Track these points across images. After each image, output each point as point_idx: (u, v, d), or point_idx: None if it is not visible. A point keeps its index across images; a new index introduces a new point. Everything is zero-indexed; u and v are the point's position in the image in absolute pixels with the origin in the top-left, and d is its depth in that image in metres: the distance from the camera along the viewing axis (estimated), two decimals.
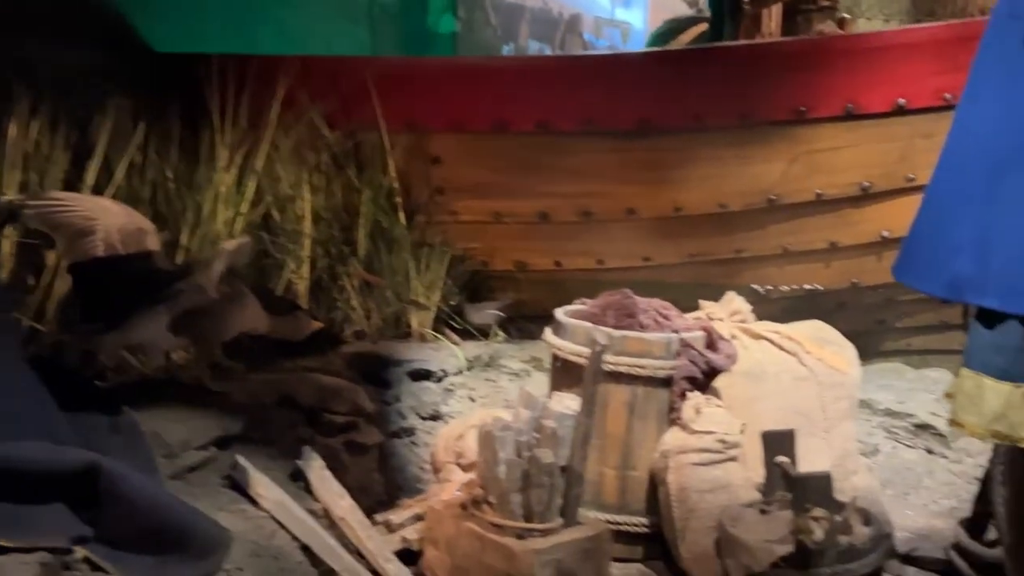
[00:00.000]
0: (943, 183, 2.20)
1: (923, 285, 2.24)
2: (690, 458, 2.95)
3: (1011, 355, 2.03)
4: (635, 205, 4.02)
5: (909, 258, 2.25)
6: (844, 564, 2.25)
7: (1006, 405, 2.04)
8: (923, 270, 2.21)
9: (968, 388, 2.11)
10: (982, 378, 2.08)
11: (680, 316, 3.30)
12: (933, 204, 2.22)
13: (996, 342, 2.05)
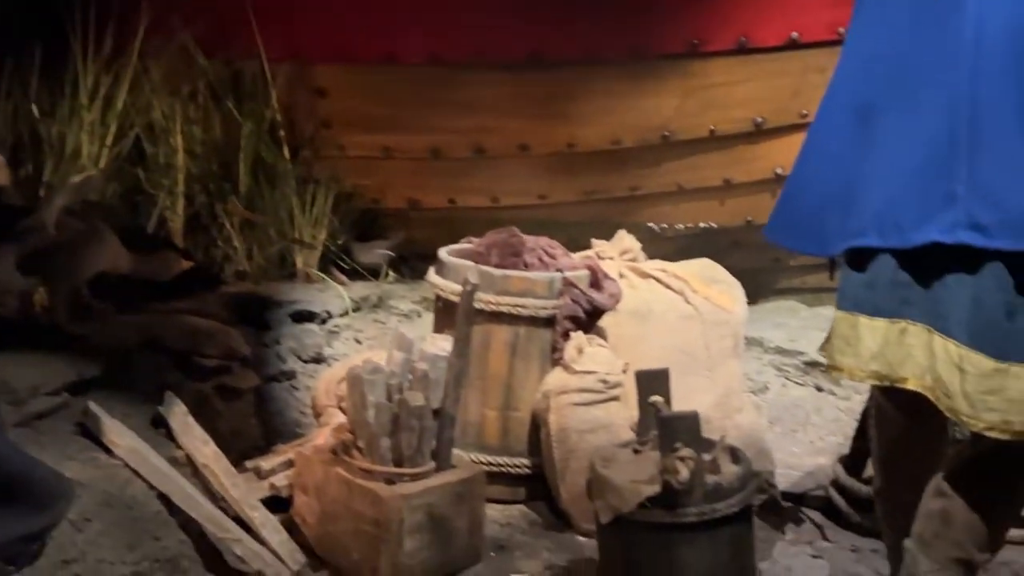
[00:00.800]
0: (818, 132, 2.14)
1: (797, 244, 2.19)
2: (571, 398, 2.90)
3: (884, 291, 1.98)
4: (528, 141, 3.92)
5: (781, 216, 2.19)
6: (711, 503, 2.22)
7: (883, 343, 1.99)
8: (796, 228, 2.16)
9: (843, 330, 2.06)
10: (857, 317, 2.03)
11: (566, 255, 3.22)
12: (808, 157, 2.16)
13: (869, 279, 2.01)
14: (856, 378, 2.04)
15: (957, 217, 1.86)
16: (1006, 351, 1.85)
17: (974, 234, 1.85)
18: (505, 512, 2.97)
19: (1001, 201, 1.83)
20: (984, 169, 1.84)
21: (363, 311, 3.70)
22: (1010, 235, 1.82)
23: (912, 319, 1.96)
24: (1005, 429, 1.86)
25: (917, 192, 1.91)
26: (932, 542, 1.99)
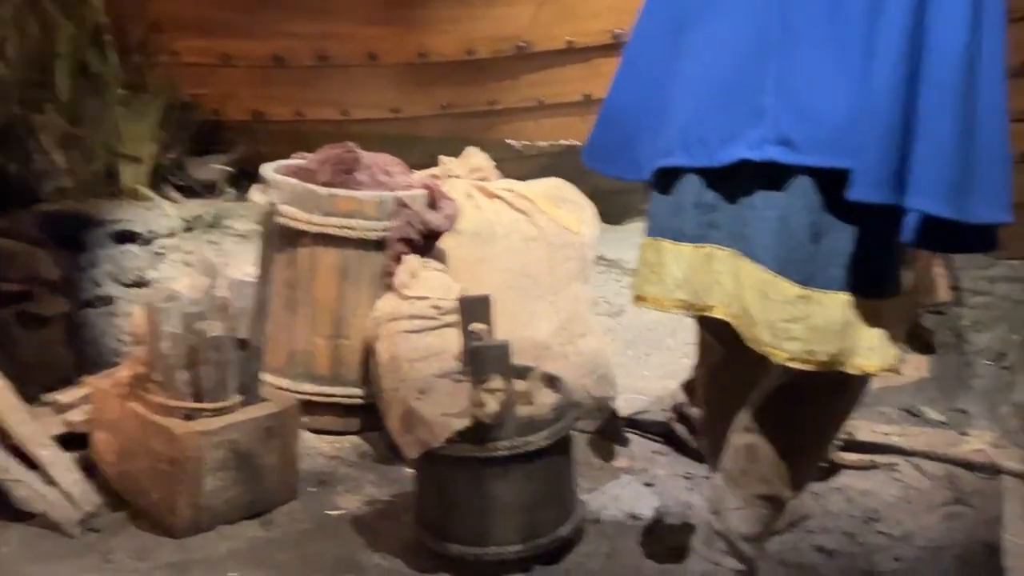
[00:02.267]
0: (632, 48, 1.99)
1: (614, 169, 2.04)
2: (402, 325, 2.74)
3: (690, 214, 1.86)
4: (377, 49, 3.68)
5: (598, 140, 2.04)
6: (523, 436, 2.10)
7: (689, 269, 1.87)
8: (612, 152, 2.01)
9: (648, 257, 1.94)
10: (662, 243, 1.91)
11: (405, 173, 3.04)
12: (622, 76, 2.00)
13: (675, 202, 1.88)
14: (662, 308, 1.93)
15: (765, 132, 1.74)
16: (811, 276, 1.75)
17: (783, 150, 1.73)
18: (336, 444, 2.83)
19: (810, 114, 1.71)
20: (793, 79, 1.72)
21: (196, 231, 3.47)
22: (820, 150, 1.71)
23: (719, 243, 1.84)
24: (807, 359, 1.76)
25: (724, 106, 1.78)
26: (739, 478, 1.91)
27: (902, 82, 1.65)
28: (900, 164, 1.67)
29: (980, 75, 1.65)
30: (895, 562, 2.36)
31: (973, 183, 1.65)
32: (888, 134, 1.66)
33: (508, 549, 2.16)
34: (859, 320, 1.76)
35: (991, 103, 1.67)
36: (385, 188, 2.89)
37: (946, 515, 2.59)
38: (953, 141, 1.64)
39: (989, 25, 1.65)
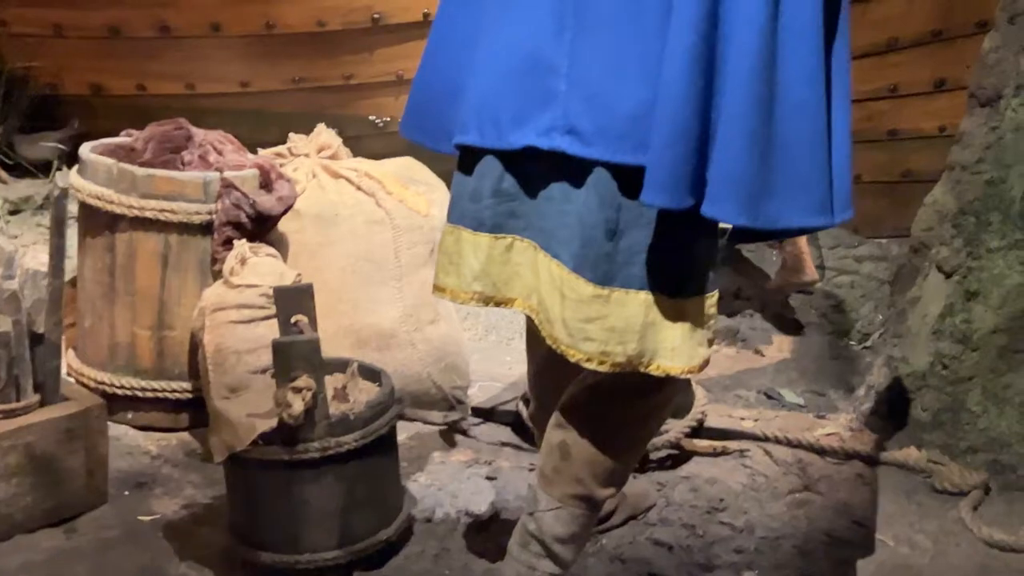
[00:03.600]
0: (441, 13, 1.85)
1: (431, 140, 1.89)
2: (228, 315, 2.57)
3: (489, 201, 1.74)
4: (220, 19, 3.48)
5: (412, 109, 1.90)
6: (336, 437, 1.97)
7: (487, 260, 1.76)
8: (426, 122, 1.87)
9: (448, 245, 1.82)
10: (460, 231, 1.79)
11: (240, 151, 2.85)
12: (432, 41, 1.87)
13: (475, 187, 1.76)
14: (459, 300, 1.82)
15: (555, 118, 1.62)
16: (608, 275, 1.64)
17: (571, 140, 1.61)
18: (162, 442, 2.66)
19: (602, 102, 1.58)
20: (586, 64, 1.59)
21: (25, 213, 3.23)
22: (610, 143, 1.58)
23: (519, 234, 1.73)
24: (604, 361, 1.66)
25: (518, 85, 1.65)
26: (552, 478, 1.81)
27: (693, 75, 1.51)
28: (695, 166, 1.54)
29: (787, 67, 1.52)
30: (735, 554, 2.30)
31: (776, 185, 1.53)
32: (679, 133, 1.52)
33: (323, 556, 2.03)
34: (662, 321, 1.66)
35: (801, 98, 1.54)
36: (214, 168, 2.71)
37: (792, 503, 2.54)
38: (750, 141, 1.51)
39: (796, 14, 1.53)
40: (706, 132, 1.54)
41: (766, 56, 1.51)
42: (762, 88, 1.51)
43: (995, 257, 2.79)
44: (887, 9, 3.82)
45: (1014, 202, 2.77)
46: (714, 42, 1.53)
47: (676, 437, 2.69)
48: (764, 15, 1.50)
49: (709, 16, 1.51)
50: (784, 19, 1.52)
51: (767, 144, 1.52)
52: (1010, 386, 2.77)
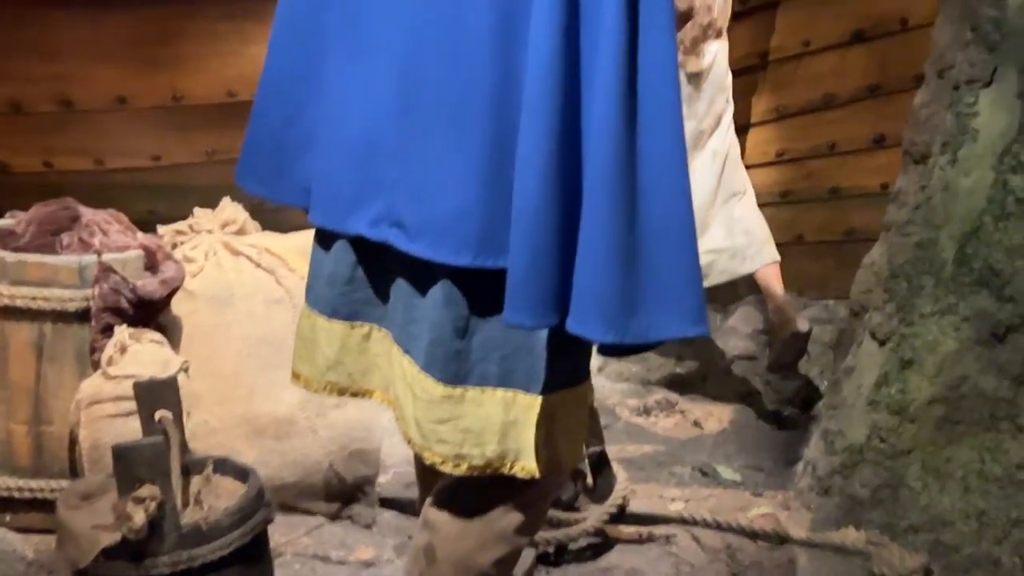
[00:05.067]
0: (274, 42, 1.70)
1: (269, 191, 1.71)
2: (105, 408, 2.40)
3: (344, 285, 1.58)
4: (125, 92, 3.35)
5: (252, 154, 1.73)
6: (189, 550, 1.79)
7: (342, 350, 1.61)
8: (268, 170, 1.69)
9: (303, 330, 1.67)
10: (316, 317, 1.63)
11: (127, 231, 2.70)
12: (265, 78, 1.70)
13: (332, 269, 1.60)
14: (313, 389, 1.66)
15: (384, 208, 1.47)
16: (459, 374, 1.47)
17: (398, 233, 1.46)
18: (40, 545, 2.47)
19: (426, 196, 1.43)
20: (417, 151, 1.44)
21: None
22: (432, 240, 1.42)
23: (377, 323, 1.58)
24: (459, 464, 1.50)
25: (355, 164, 1.51)
26: None
27: (551, 186, 1.36)
28: (558, 281, 1.38)
29: (651, 170, 1.36)
30: None
31: (645, 296, 1.37)
32: (538, 249, 1.37)
33: None
34: (525, 419, 1.49)
35: (669, 201, 1.38)
36: (95, 250, 2.55)
37: None
38: (615, 252, 1.35)
39: (655, 113, 1.38)
40: (568, 244, 1.38)
41: (627, 162, 1.35)
42: (626, 194, 1.35)
43: (928, 323, 2.64)
44: (820, 65, 3.74)
45: (946, 265, 2.63)
46: (573, 147, 1.37)
47: (596, 524, 2.51)
48: (621, 121, 1.34)
49: (567, 119, 1.36)
50: (643, 118, 1.36)
51: (633, 253, 1.36)
52: (951, 460, 2.60)
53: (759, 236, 3.41)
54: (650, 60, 1.36)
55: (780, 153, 3.88)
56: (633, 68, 1.36)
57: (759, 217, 3.44)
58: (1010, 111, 2.58)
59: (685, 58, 3.15)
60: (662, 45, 1.36)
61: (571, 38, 1.36)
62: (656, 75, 1.37)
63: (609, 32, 1.34)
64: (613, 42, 1.34)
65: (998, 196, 2.58)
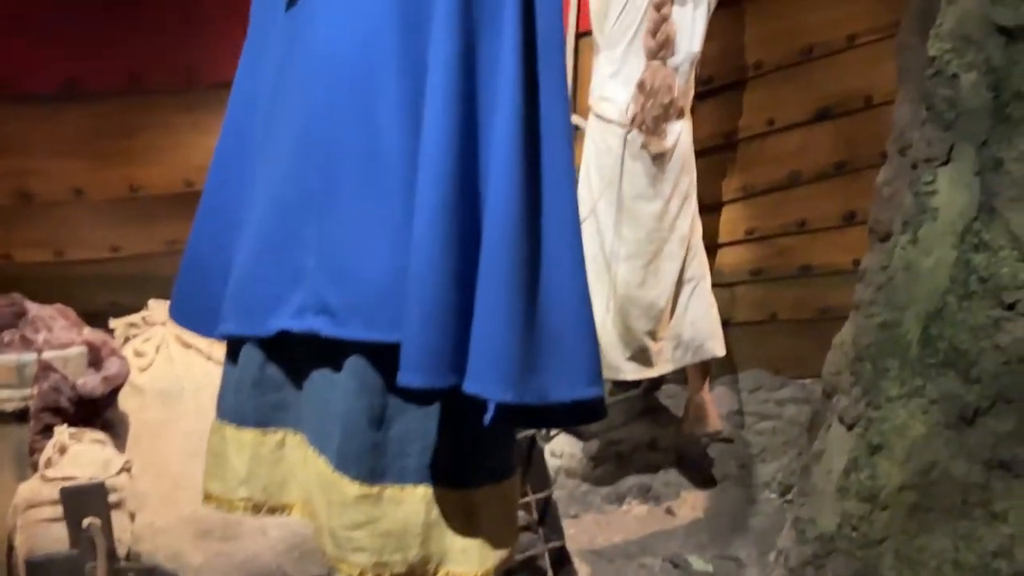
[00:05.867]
0: (209, 183, 1.68)
1: (200, 326, 1.69)
2: (42, 512, 2.33)
3: (252, 392, 1.53)
4: (82, 184, 3.33)
5: (183, 292, 1.71)
6: None
7: (252, 460, 1.54)
8: (198, 306, 1.67)
9: (213, 445, 1.60)
10: (224, 428, 1.57)
11: (72, 327, 2.66)
12: (200, 213, 1.69)
13: (239, 377, 1.55)
14: (226, 508, 1.58)
15: (306, 297, 1.44)
16: (376, 470, 1.42)
17: (324, 320, 1.42)
18: None
19: (351, 276, 1.40)
20: (334, 237, 1.42)
21: None
22: (362, 320, 1.39)
23: (291, 427, 1.52)
24: (380, 573, 1.42)
25: (271, 263, 1.48)
26: None
27: (447, 244, 1.35)
28: (455, 340, 1.35)
29: (548, 228, 1.35)
30: None
31: (543, 357, 1.34)
32: (433, 308, 1.35)
33: None
34: (448, 518, 1.43)
35: (563, 258, 1.36)
36: (37, 347, 2.50)
37: None
38: (512, 310, 1.33)
39: (554, 171, 1.36)
40: (465, 303, 1.34)
41: (527, 218, 1.33)
42: (523, 258, 1.33)
43: (896, 407, 2.56)
44: (786, 143, 3.72)
45: (911, 346, 2.56)
46: (469, 205, 1.34)
47: None
48: (519, 187, 1.32)
49: (461, 179, 1.33)
50: (545, 182, 1.34)
51: (531, 316, 1.33)
52: (924, 549, 2.51)
53: (707, 330, 3.37)
54: (548, 129, 1.36)
55: (750, 231, 3.84)
56: (531, 135, 1.35)
57: (711, 308, 3.41)
58: (969, 189, 2.55)
59: (648, 138, 3.14)
60: (558, 117, 1.36)
61: (469, 106, 1.34)
62: (552, 142, 1.37)
63: (506, 101, 1.33)
64: (511, 110, 1.33)
65: (960, 275, 2.54)
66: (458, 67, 1.33)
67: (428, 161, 1.33)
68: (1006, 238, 2.48)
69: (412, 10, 1.37)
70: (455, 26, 1.33)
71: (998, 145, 2.51)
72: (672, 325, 3.35)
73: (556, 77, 1.37)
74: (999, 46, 2.49)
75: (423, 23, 1.36)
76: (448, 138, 1.33)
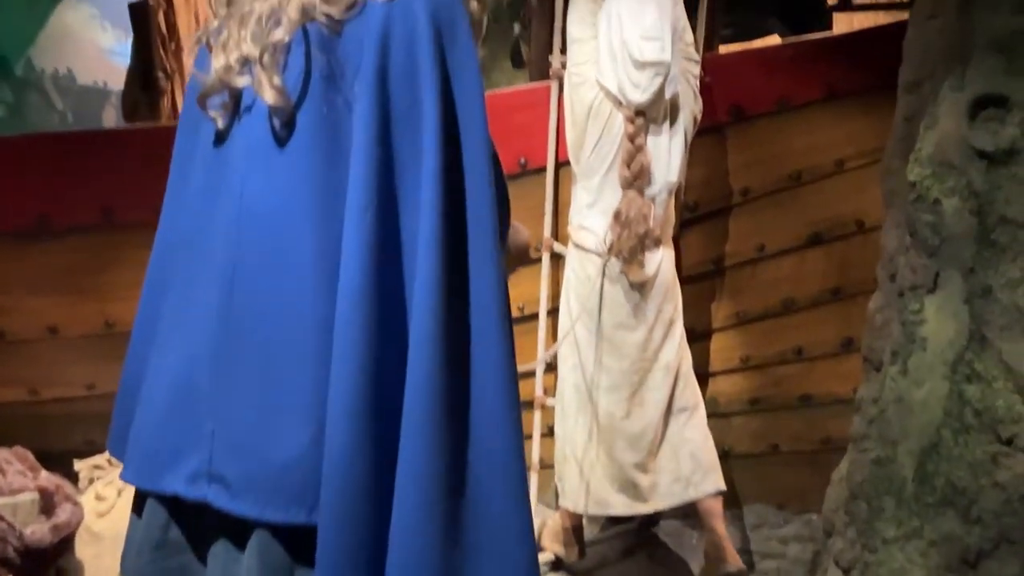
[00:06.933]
0: (137, 322, 1.60)
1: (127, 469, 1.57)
2: None
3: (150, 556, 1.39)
4: (55, 321, 3.28)
5: (119, 424, 1.60)
6: None
7: None
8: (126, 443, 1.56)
9: None
10: None
11: (27, 472, 2.56)
12: (130, 349, 1.60)
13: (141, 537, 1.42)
14: None
15: (201, 463, 1.30)
16: None
17: (217, 490, 1.28)
18: None
19: (249, 448, 1.27)
20: (235, 400, 1.30)
21: None
22: (258, 497, 1.25)
23: None
24: None
25: (172, 416, 1.35)
26: None
27: (365, 425, 1.21)
28: (374, 540, 1.21)
29: (477, 406, 1.22)
30: None
31: (466, 557, 1.20)
32: (348, 503, 1.21)
33: None
34: None
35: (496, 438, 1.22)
36: None
37: None
38: (434, 509, 1.19)
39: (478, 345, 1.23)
40: (384, 498, 1.21)
41: (448, 410, 1.21)
42: (447, 445, 1.20)
43: (892, 549, 2.40)
44: (776, 270, 3.64)
45: (906, 484, 2.42)
46: (391, 372, 1.23)
47: None
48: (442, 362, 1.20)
49: (379, 348, 1.22)
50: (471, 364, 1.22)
51: (455, 511, 1.19)
52: None
53: (705, 462, 3.22)
54: (476, 292, 1.24)
55: (745, 359, 3.73)
56: (457, 281, 1.24)
57: (707, 440, 3.27)
58: (957, 318, 2.44)
59: (626, 267, 3.07)
60: (487, 278, 1.24)
61: (388, 257, 1.24)
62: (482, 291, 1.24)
63: (425, 268, 1.22)
64: (431, 267, 1.22)
65: (955, 408, 2.41)
66: (373, 219, 1.22)
67: (342, 327, 1.22)
68: (999, 369, 2.36)
69: (332, 161, 1.28)
70: (370, 173, 1.24)
71: (985, 272, 2.42)
72: (666, 458, 3.21)
73: (482, 215, 1.26)
74: (980, 170, 2.42)
75: (343, 176, 1.27)
76: (364, 299, 1.21)
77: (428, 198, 1.23)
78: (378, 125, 1.24)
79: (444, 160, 1.24)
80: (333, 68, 1.26)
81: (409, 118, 1.24)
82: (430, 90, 1.23)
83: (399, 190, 1.26)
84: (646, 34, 2.97)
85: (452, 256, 1.24)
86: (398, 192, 1.26)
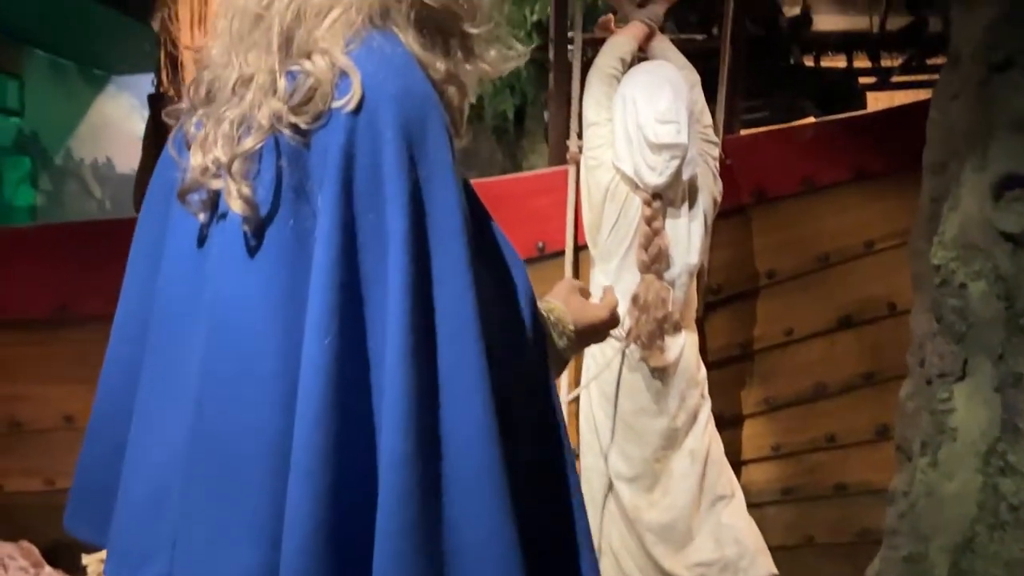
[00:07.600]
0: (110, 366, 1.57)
1: (97, 535, 1.51)
2: None
3: None
4: (72, 411, 3.25)
5: (80, 494, 1.55)
6: None
7: None
8: (96, 511, 1.50)
9: None
10: None
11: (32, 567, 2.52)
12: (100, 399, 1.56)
13: None
14: None
15: (162, 570, 1.26)
16: None
17: None
18: None
19: (206, 558, 1.21)
20: (195, 513, 1.25)
21: None
22: None
23: None
24: None
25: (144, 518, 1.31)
26: None
27: (324, 553, 1.15)
28: None
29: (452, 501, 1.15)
30: None
31: None
32: None
33: None
34: None
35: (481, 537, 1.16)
36: None
37: None
38: None
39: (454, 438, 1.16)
40: None
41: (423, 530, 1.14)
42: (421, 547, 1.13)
43: None
44: (806, 354, 3.53)
45: None
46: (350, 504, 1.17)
47: None
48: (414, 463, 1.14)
49: (334, 472, 1.15)
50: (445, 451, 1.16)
51: None
52: None
53: (751, 546, 3.09)
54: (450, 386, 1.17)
55: (776, 447, 3.60)
56: (428, 398, 1.17)
57: (750, 524, 3.14)
58: (989, 406, 2.32)
59: (646, 353, 2.99)
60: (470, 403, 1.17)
61: (350, 391, 1.17)
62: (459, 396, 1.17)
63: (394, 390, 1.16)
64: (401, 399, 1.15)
65: (989, 503, 2.28)
66: (333, 344, 1.15)
67: (298, 451, 1.16)
68: None
69: (298, 275, 1.23)
70: (329, 297, 1.18)
71: (1015, 359, 2.30)
72: (710, 549, 3.08)
73: (456, 327, 1.19)
74: (1006, 253, 2.33)
75: (308, 291, 1.22)
76: (320, 425, 1.15)
77: (395, 316, 1.17)
78: (340, 245, 1.17)
79: (411, 277, 1.18)
80: (301, 180, 1.22)
81: (375, 236, 1.19)
82: (396, 206, 1.17)
83: (365, 309, 1.20)
84: (661, 117, 2.94)
85: (423, 374, 1.17)
86: (365, 311, 1.20)
